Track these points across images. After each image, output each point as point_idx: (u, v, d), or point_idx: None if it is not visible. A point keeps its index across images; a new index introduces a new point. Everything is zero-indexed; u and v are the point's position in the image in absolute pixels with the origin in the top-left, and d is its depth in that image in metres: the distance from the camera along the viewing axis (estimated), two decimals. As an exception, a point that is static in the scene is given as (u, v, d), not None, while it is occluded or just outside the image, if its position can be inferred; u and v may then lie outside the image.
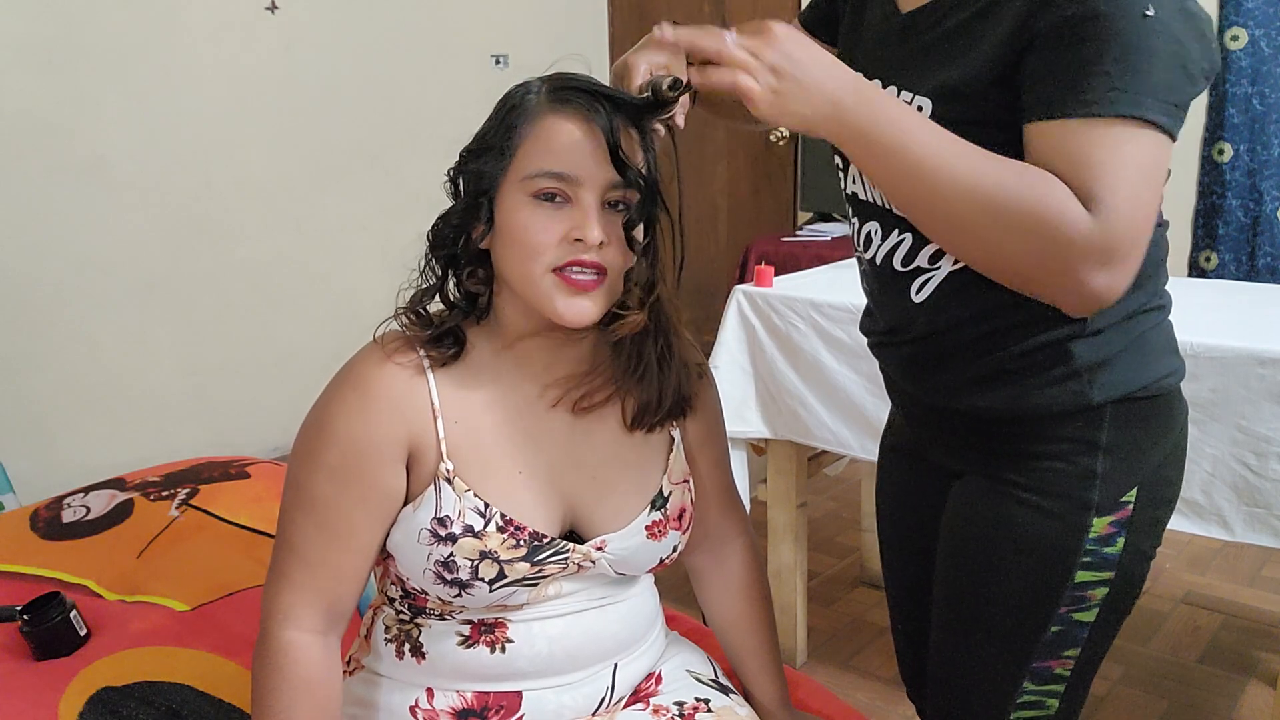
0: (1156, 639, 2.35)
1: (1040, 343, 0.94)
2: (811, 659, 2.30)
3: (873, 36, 1.04)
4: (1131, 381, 0.95)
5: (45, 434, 2.85)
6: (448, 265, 0.99)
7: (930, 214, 0.88)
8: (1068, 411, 0.95)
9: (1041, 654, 1.01)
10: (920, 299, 1.00)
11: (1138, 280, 0.93)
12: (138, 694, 1.25)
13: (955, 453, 1.07)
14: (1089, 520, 0.96)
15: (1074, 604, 0.99)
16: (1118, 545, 0.97)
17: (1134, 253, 0.83)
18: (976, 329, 0.97)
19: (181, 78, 3.02)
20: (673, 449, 1.08)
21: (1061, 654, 1.01)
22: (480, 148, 0.96)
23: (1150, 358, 0.97)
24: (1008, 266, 0.87)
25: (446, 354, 0.98)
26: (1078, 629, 1.00)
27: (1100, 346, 0.94)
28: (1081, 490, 0.96)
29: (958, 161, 0.83)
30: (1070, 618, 0.99)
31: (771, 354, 2.03)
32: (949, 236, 0.89)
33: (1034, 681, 1.02)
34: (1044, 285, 0.86)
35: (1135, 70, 0.80)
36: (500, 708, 1.00)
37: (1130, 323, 0.95)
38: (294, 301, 3.36)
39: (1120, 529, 0.97)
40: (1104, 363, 0.94)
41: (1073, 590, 0.98)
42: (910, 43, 0.98)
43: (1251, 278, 3.02)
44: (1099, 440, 0.95)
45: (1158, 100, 0.81)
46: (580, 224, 0.91)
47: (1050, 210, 0.80)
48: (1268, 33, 2.93)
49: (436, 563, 0.95)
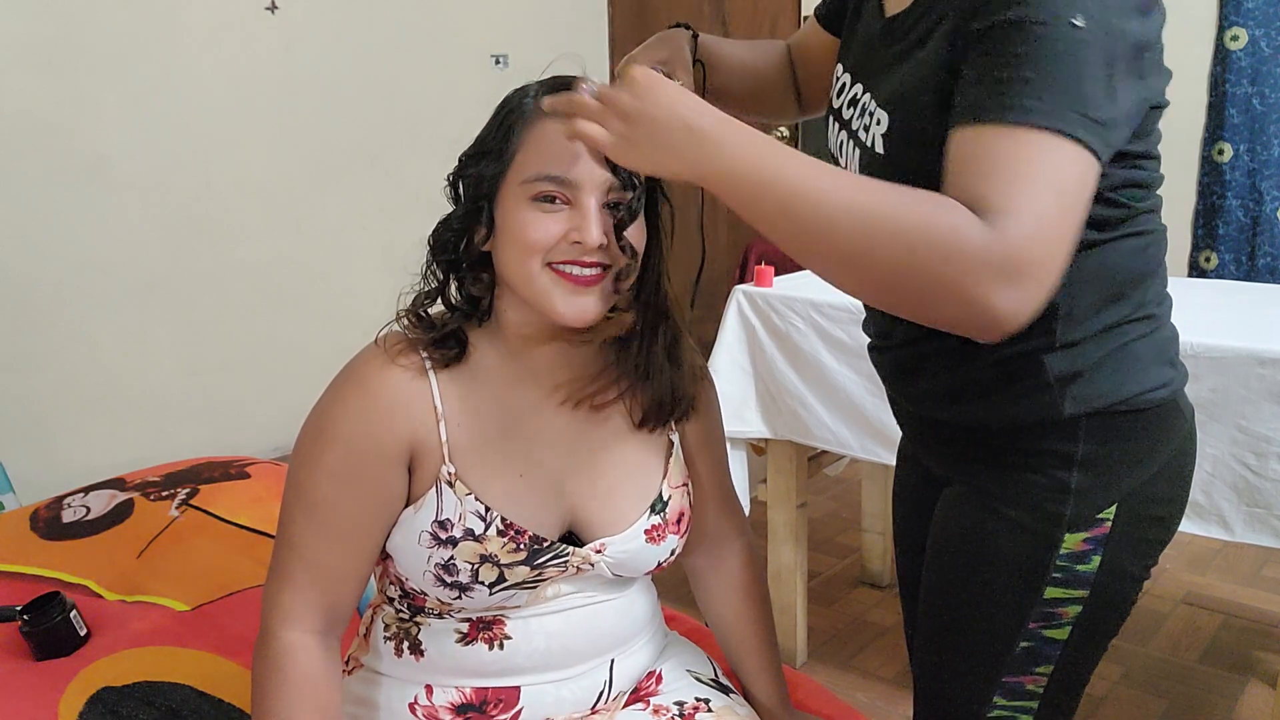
0: (1156, 639, 2.35)
1: (1012, 354, 0.91)
2: (811, 659, 2.30)
3: (860, 37, 1.04)
4: (1110, 394, 0.92)
5: (45, 434, 2.85)
6: (449, 269, 0.99)
7: (810, 249, 0.80)
8: (1040, 423, 0.93)
9: (1011, 669, 0.99)
10: None
11: (1118, 292, 0.92)
12: (138, 694, 1.25)
13: (941, 460, 1.07)
14: (1059, 535, 0.94)
15: (1044, 620, 0.96)
16: (1092, 563, 0.94)
17: (1041, 268, 0.75)
18: (952, 338, 0.92)
19: (181, 78, 3.02)
20: (672, 453, 1.08)
21: (1032, 670, 0.99)
22: (479, 152, 0.96)
23: (1134, 370, 0.93)
24: (902, 294, 0.79)
25: (449, 356, 0.98)
26: (1050, 646, 0.97)
27: (1074, 359, 0.91)
28: (1054, 504, 0.94)
29: (834, 193, 0.77)
30: (1041, 634, 0.97)
31: (771, 354, 2.03)
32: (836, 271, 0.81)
33: (1005, 696, 1.00)
34: (944, 311, 0.78)
35: (1057, 81, 0.76)
36: (499, 702, 1.01)
37: (1109, 335, 0.92)
38: (294, 301, 3.36)
39: (1096, 546, 0.94)
40: (1078, 375, 0.91)
41: (1042, 606, 0.96)
42: (883, 50, 0.97)
43: (1251, 278, 3.02)
44: (1073, 454, 0.93)
45: (1077, 114, 0.76)
46: (579, 226, 0.91)
47: (939, 226, 0.74)
48: (1268, 33, 2.93)
49: (437, 565, 0.95)
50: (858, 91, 0.99)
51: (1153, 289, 0.96)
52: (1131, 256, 0.92)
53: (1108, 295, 0.91)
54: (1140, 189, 0.91)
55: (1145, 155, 0.91)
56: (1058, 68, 0.77)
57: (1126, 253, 0.92)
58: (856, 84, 1.00)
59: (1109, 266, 0.90)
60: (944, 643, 1.04)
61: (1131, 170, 0.89)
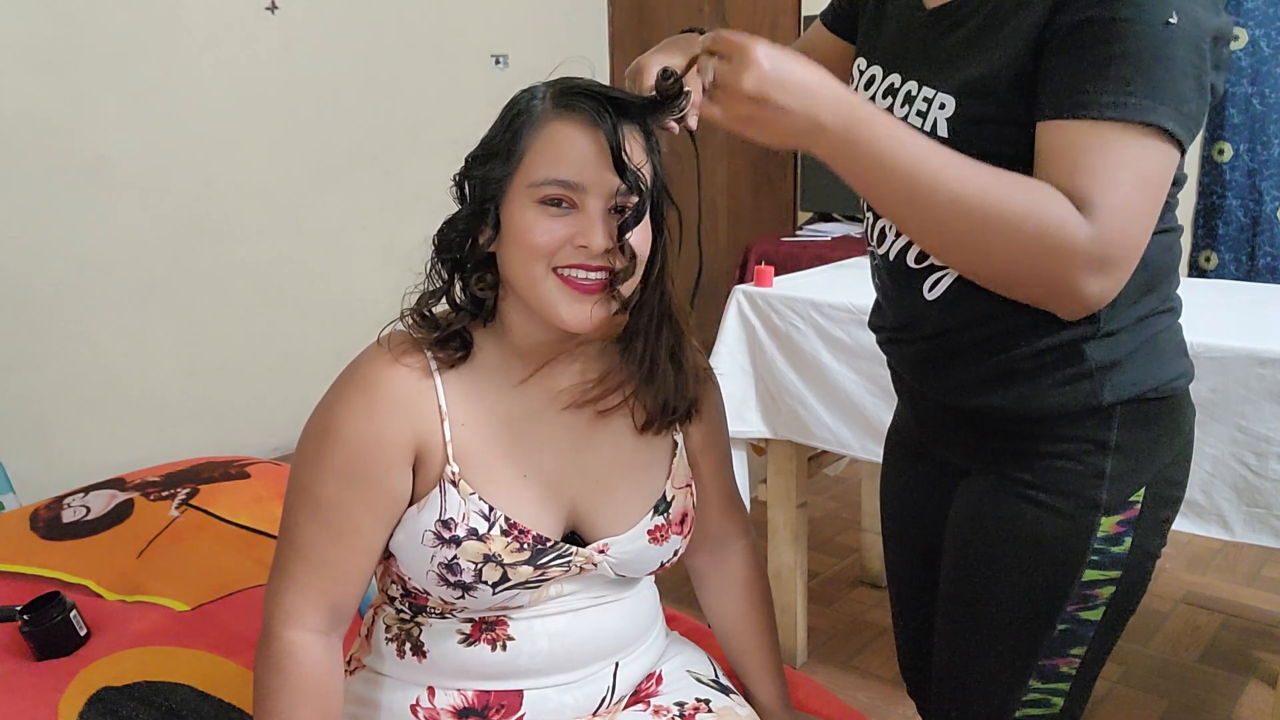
0: (1156, 639, 2.35)
1: (1052, 343, 0.94)
2: (811, 659, 2.30)
3: (894, 29, 1.04)
4: (1142, 383, 0.95)
5: (45, 434, 2.85)
6: (454, 269, 0.99)
7: (921, 225, 0.86)
8: (1078, 412, 0.95)
9: (1048, 652, 1.01)
10: (933, 296, 1.00)
11: (1151, 284, 0.94)
12: (138, 694, 1.25)
13: (963, 451, 1.07)
14: (1097, 519, 0.97)
15: (1081, 603, 0.99)
16: (1125, 545, 0.98)
17: (1128, 259, 0.83)
18: (988, 328, 0.97)
19: (181, 78, 3.02)
20: (676, 453, 1.08)
21: (1068, 652, 1.02)
22: (486, 153, 0.96)
23: (1161, 360, 0.97)
24: (1003, 274, 0.86)
25: (454, 357, 0.98)
26: (1084, 627, 1.00)
27: (1113, 348, 0.94)
28: (1090, 489, 0.96)
29: (949, 172, 0.82)
30: (1077, 616, 1.00)
31: (771, 354, 2.03)
32: (942, 247, 0.89)
33: (1040, 679, 1.03)
34: (1038, 291, 0.87)
35: (1150, 76, 0.80)
36: (501, 707, 1.00)
37: (1142, 325, 0.95)
38: (294, 301, 3.36)
39: (1128, 528, 0.97)
40: (1116, 364, 0.94)
41: (1081, 589, 0.98)
42: (933, 39, 0.97)
43: (1251, 278, 3.02)
44: (1109, 440, 0.96)
45: (1170, 108, 0.80)
46: (585, 230, 0.91)
47: (1050, 219, 0.80)
48: (1268, 33, 2.93)
49: (440, 565, 0.95)
50: (896, 80, 1.00)
51: (1174, 283, 1.00)
52: (1164, 251, 0.96)
53: (1144, 287, 0.94)
54: (1174, 185, 0.93)
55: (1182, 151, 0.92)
56: (1153, 64, 0.80)
57: (1161, 248, 0.94)
58: (894, 74, 1.01)
59: (1147, 259, 0.92)
60: (976, 630, 1.05)
61: None
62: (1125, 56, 0.80)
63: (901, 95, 0.99)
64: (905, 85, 0.99)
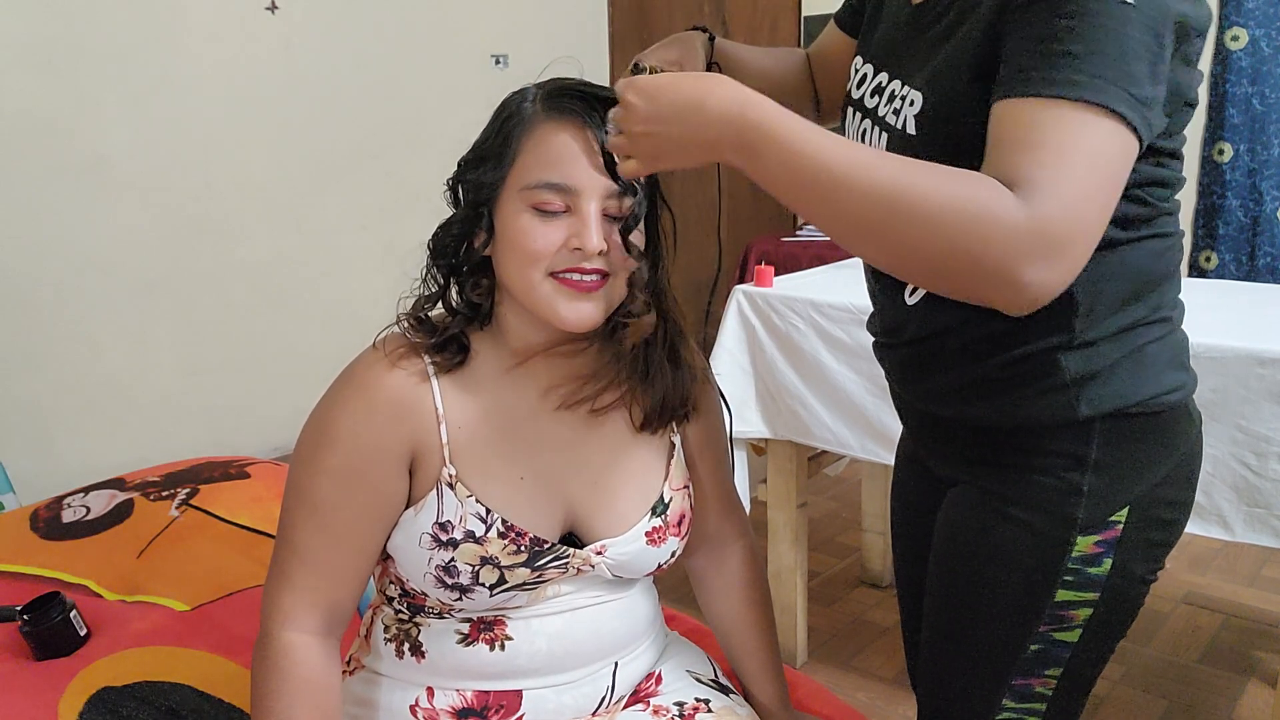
0: (1156, 639, 2.35)
1: (1028, 352, 0.91)
2: (811, 659, 2.30)
3: (885, 25, 1.04)
4: (1126, 396, 0.91)
5: (45, 434, 2.85)
6: (449, 273, 0.99)
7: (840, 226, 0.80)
8: (1055, 425, 0.92)
9: (1021, 671, 0.99)
10: (913, 301, 0.99)
11: (1136, 293, 0.91)
12: (138, 694, 1.25)
13: (948, 460, 1.06)
14: (1072, 537, 0.93)
15: (1055, 623, 0.96)
16: (1104, 566, 0.94)
17: (1074, 244, 0.76)
18: (965, 335, 0.94)
19: (181, 78, 3.02)
20: (673, 455, 1.08)
21: (1042, 673, 0.99)
22: (478, 157, 0.96)
23: (1148, 373, 0.92)
24: (934, 270, 0.79)
25: (451, 360, 0.98)
26: (1059, 649, 0.97)
27: (1091, 359, 0.90)
28: (1067, 506, 0.93)
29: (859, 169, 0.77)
30: (1051, 637, 0.97)
31: (771, 354, 2.03)
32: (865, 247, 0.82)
33: (1014, 699, 1.00)
34: (973, 284, 0.78)
35: (1103, 56, 0.76)
36: (500, 707, 1.00)
37: (1126, 336, 0.91)
38: (294, 301, 3.36)
39: (1107, 549, 0.93)
40: (1095, 375, 0.90)
41: (1053, 609, 0.95)
42: (913, 36, 0.97)
43: (1251, 278, 3.02)
44: (1087, 456, 0.92)
45: (1122, 90, 0.76)
46: (579, 232, 0.91)
47: (974, 204, 0.74)
48: (1268, 33, 2.93)
49: (437, 567, 0.95)
50: (883, 79, 0.99)
51: (1169, 293, 0.95)
52: (1152, 259, 0.92)
53: (1127, 296, 0.91)
54: (1164, 188, 0.91)
55: (1172, 154, 0.91)
56: (1104, 43, 0.76)
57: (1148, 254, 0.91)
58: (881, 72, 1.00)
59: (1130, 266, 0.90)
60: (952, 644, 1.04)
61: (1157, 168, 0.89)
62: (1077, 34, 0.76)
63: (886, 93, 0.98)
64: (890, 84, 0.97)
